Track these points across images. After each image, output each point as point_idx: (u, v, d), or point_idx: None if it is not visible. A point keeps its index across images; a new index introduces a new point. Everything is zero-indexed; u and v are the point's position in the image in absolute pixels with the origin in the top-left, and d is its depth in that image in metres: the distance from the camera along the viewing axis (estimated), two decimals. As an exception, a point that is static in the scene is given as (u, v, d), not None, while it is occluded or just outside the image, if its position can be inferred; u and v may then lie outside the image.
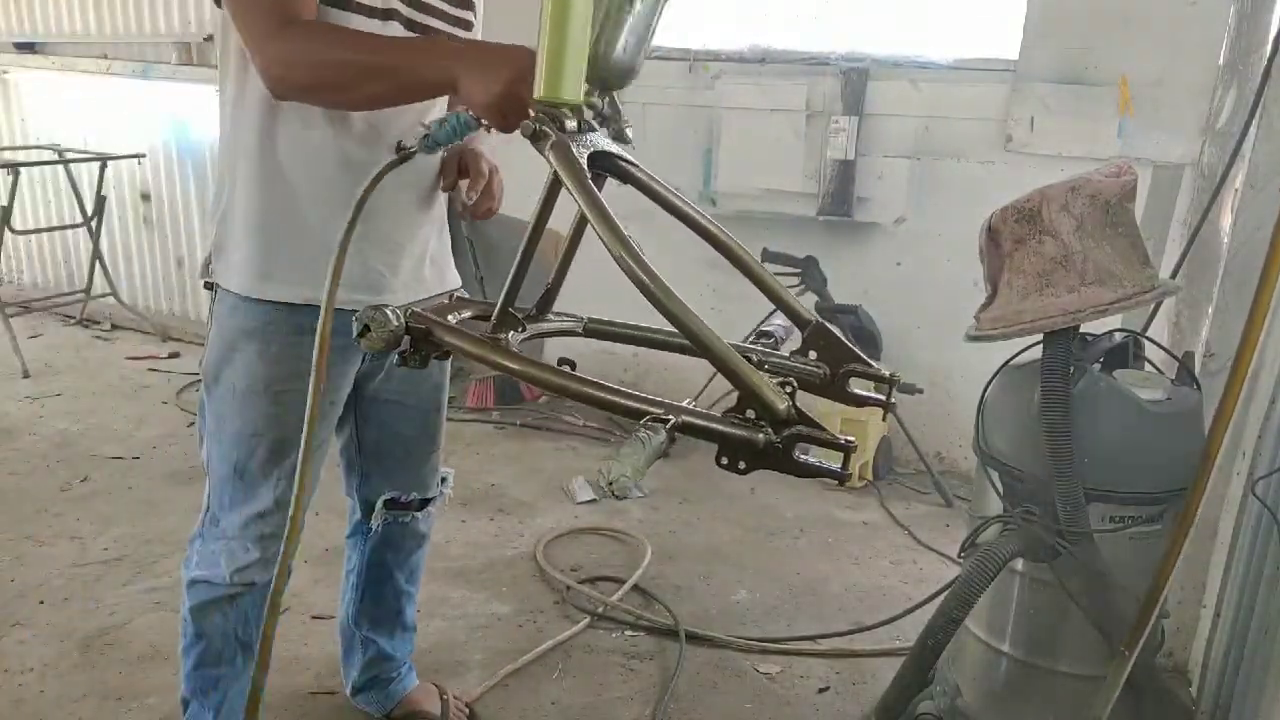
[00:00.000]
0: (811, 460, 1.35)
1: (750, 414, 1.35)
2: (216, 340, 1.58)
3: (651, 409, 1.36)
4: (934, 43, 3.37)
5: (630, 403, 1.40)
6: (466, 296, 1.87)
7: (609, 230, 1.42)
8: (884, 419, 3.13)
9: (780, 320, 1.72)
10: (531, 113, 1.48)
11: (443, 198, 1.85)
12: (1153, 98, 2.96)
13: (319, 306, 1.36)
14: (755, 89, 3.60)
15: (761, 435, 1.32)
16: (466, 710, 2.16)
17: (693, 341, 1.38)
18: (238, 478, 1.61)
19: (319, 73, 1.38)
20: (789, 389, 1.33)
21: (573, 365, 1.55)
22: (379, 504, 1.89)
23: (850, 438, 1.33)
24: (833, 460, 1.37)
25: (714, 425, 1.34)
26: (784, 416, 1.32)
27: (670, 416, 1.32)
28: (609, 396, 1.42)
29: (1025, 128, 3.17)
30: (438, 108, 1.69)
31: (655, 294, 1.36)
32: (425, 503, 1.96)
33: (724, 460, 1.35)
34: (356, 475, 1.91)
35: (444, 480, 2.03)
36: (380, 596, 2.02)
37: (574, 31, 1.50)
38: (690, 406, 1.36)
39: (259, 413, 1.57)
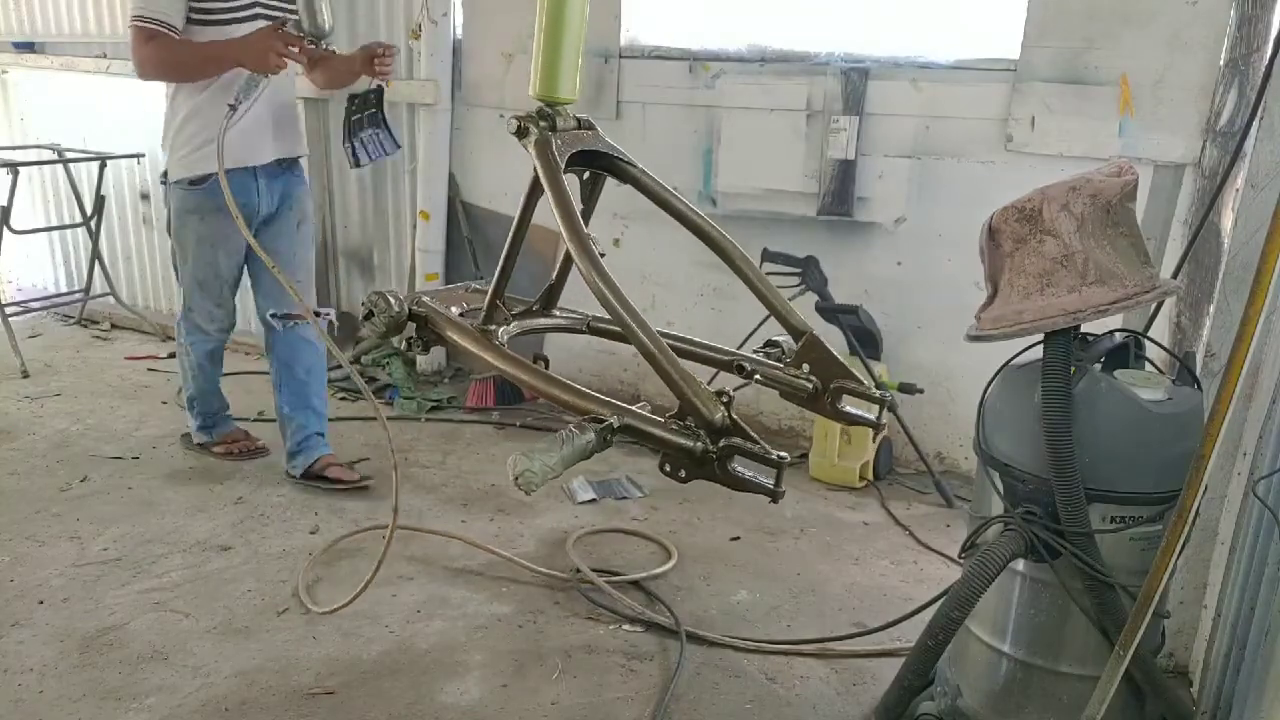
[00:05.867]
0: (746, 474, 1.33)
1: (691, 422, 1.35)
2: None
3: (596, 408, 1.35)
4: (934, 42, 3.36)
5: (580, 401, 1.40)
6: (482, 289, 1.88)
7: (570, 226, 1.42)
8: (874, 440, 3.17)
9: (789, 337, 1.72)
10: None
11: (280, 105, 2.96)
12: (1154, 97, 2.96)
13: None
14: (755, 89, 3.60)
15: (699, 444, 1.31)
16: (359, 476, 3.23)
17: (633, 342, 1.37)
18: (199, 287, 3.11)
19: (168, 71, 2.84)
20: (725, 399, 1.32)
21: (546, 362, 1.56)
22: (268, 316, 3.14)
23: (783, 454, 1.30)
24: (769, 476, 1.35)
25: (654, 430, 1.33)
26: (718, 425, 1.31)
27: (609, 418, 1.31)
28: (561, 394, 1.42)
29: (1026, 127, 3.17)
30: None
31: (602, 289, 1.36)
32: (287, 317, 3.11)
33: (666, 467, 1.35)
34: (256, 303, 3.24)
35: (322, 313, 3.02)
36: (291, 386, 3.22)
37: (570, 32, 1.51)
38: (635, 409, 1.35)
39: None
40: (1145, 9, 2.92)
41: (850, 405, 1.58)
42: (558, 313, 1.80)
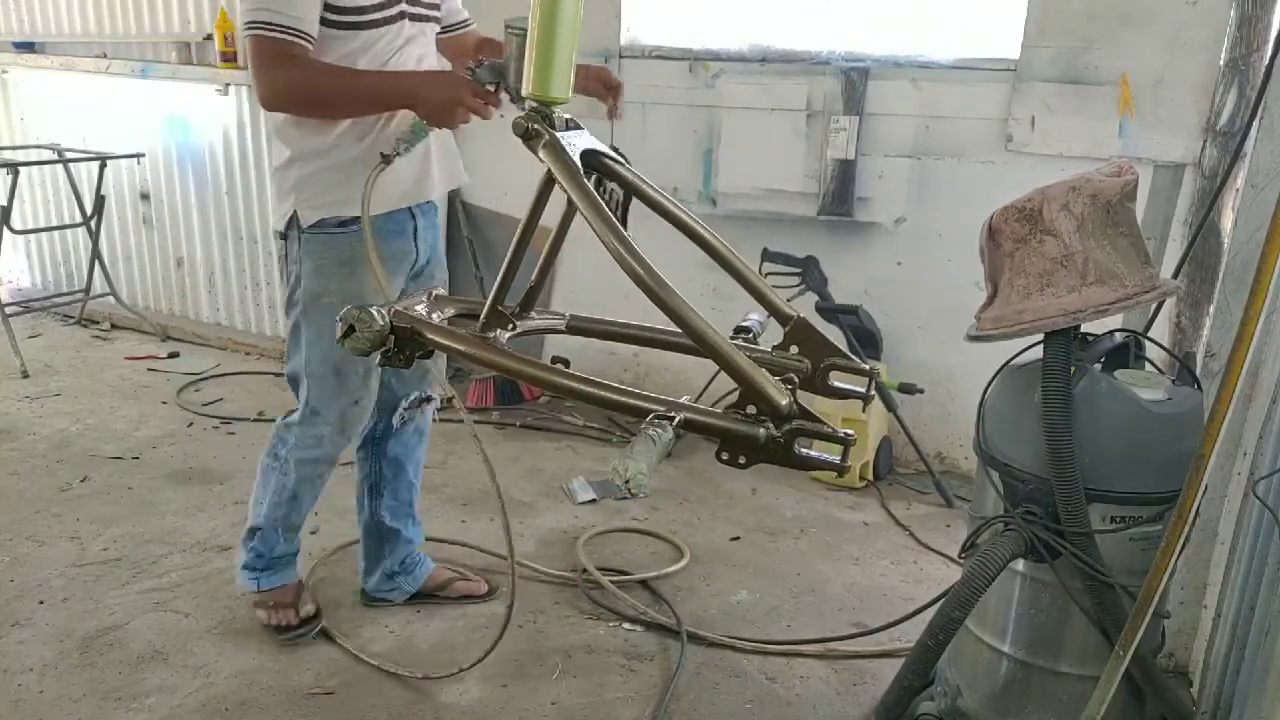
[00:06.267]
0: (812, 453, 1.35)
1: (751, 410, 1.36)
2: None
3: (654, 407, 1.36)
4: (934, 42, 3.36)
5: (633, 401, 1.41)
6: (445, 294, 1.86)
7: (607, 227, 1.42)
8: (864, 410, 3.14)
9: (757, 315, 1.74)
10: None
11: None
12: (1154, 97, 2.96)
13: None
14: (755, 89, 3.60)
15: (763, 430, 1.32)
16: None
17: (695, 339, 1.38)
18: (334, 375, 2.16)
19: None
20: (790, 385, 1.34)
21: (566, 363, 1.55)
22: (401, 404, 2.38)
23: (849, 431, 1.33)
24: (830, 453, 1.37)
25: (717, 421, 1.34)
26: (786, 412, 1.32)
27: (674, 414, 1.33)
28: (612, 395, 1.42)
29: (1026, 127, 3.17)
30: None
31: (656, 291, 1.36)
32: (426, 400, 2.43)
33: (724, 456, 1.36)
34: (389, 385, 2.37)
35: (430, 398, 2.47)
36: (397, 490, 2.48)
37: (563, 31, 1.50)
38: (689, 403, 1.36)
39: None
40: (1145, 9, 2.92)
41: (839, 381, 1.60)
42: (535, 315, 1.80)
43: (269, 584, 2.41)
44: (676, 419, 1.31)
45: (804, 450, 1.35)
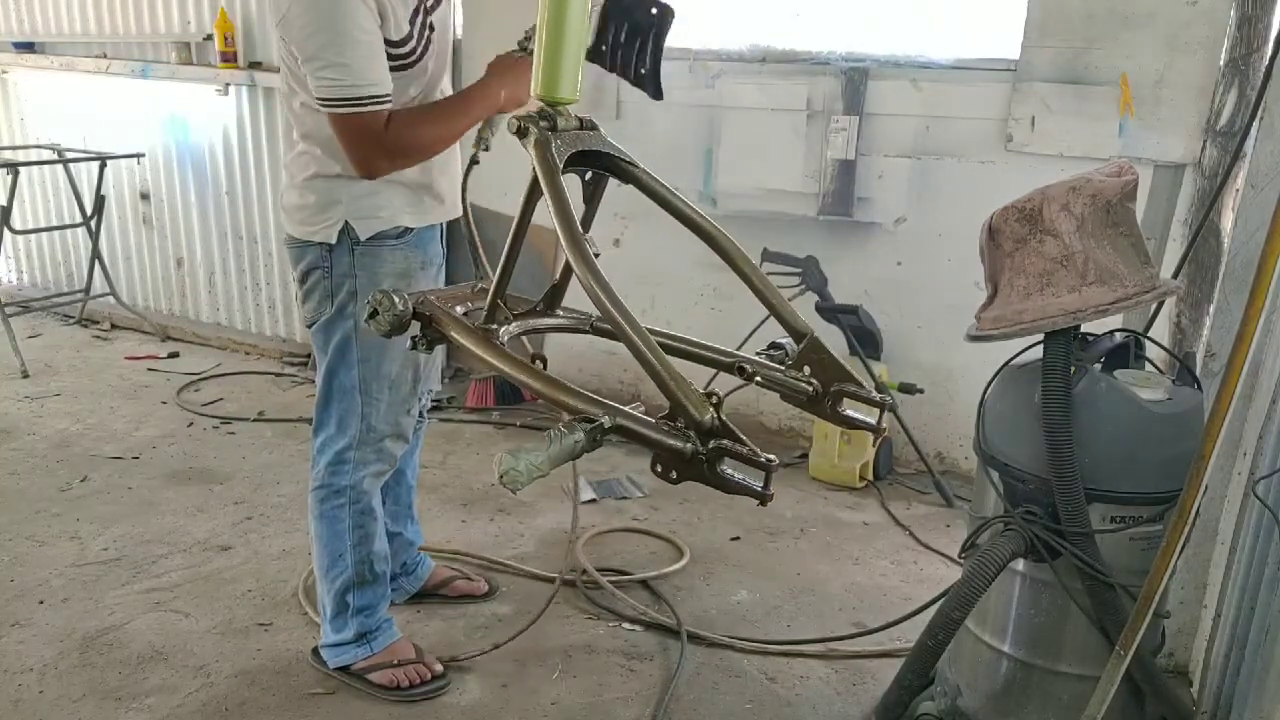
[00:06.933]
0: (735, 476, 1.32)
1: (681, 423, 1.33)
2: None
3: (589, 409, 1.34)
4: (934, 42, 3.36)
5: (573, 401, 1.39)
6: (488, 287, 1.87)
7: (566, 226, 1.42)
8: (874, 444, 3.11)
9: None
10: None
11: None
12: (1154, 97, 2.96)
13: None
14: (756, 89, 3.60)
15: (689, 445, 1.30)
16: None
17: (624, 342, 1.36)
18: (390, 389, 2.13)
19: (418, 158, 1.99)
20: (714, 400, 1.31)
21: (544, 362, 1.55)
22: (424, 407, 2.40)
23: (771, 456, 1.29)
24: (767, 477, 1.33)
25: (646, 430, 1.31)
26: (707, 427, 1.30)
27: (600, 418, 1.30)
28: (555, 393, 1.41)
29: (1026, 127, 3.16)
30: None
31: (592, 284, 1.35)
32: (434, 405, 2.45)
33: (658, 468, 1.34)
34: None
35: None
36: (398, 495, 2.47)
37: (570, 32, 1.51)
38: (629, 410, 1.33)
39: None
40: (1145, 9, 2.92)
41: (850, 409, 1.58)
42: (560, 313, 1.80)
43: (383, 643, 2.24)
44: (599, 423, 1.29)
45: (727, 471, 1.33)
